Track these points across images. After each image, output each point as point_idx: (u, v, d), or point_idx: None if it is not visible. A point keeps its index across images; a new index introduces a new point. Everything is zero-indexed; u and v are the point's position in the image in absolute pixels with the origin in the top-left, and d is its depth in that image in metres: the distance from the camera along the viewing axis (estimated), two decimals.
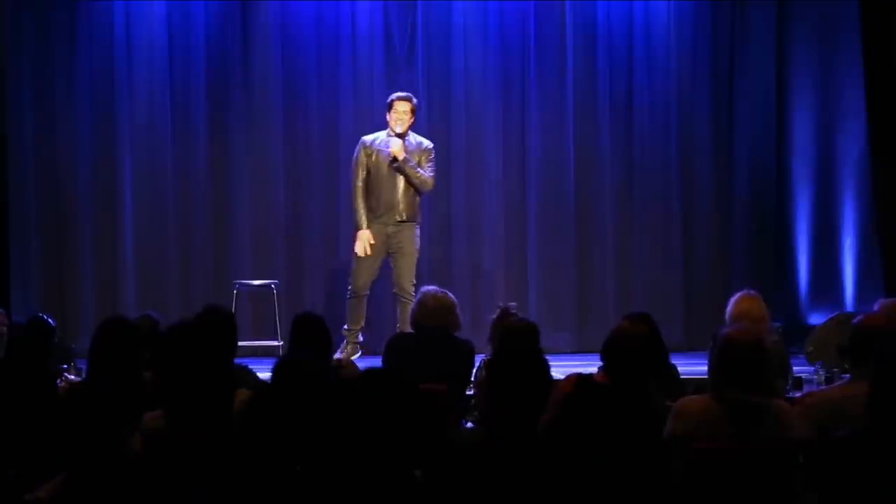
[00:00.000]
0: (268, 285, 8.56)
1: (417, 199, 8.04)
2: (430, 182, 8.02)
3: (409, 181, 7.92)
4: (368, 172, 7.98)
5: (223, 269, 9.19)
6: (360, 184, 7.98)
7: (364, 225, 7.95)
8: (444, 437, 3.81)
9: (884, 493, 3.27)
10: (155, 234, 9.18)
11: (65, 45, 9.09)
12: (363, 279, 8.03)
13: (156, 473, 3.12)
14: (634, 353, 4.30)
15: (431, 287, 5.89)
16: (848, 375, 4.44)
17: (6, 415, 4.29)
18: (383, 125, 8.08)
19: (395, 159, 7.87)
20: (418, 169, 7.93)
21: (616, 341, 4.39)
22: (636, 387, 4.13)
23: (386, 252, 8.05)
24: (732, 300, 5.61)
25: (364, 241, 7.94)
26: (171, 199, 9.19)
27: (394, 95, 8.05)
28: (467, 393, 5.54)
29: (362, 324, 8.10)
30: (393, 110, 7.96)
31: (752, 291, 5.64)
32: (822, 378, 5.72)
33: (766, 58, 9.42)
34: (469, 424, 4.97)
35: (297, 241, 9.35)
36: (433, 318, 5.58)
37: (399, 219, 7.94)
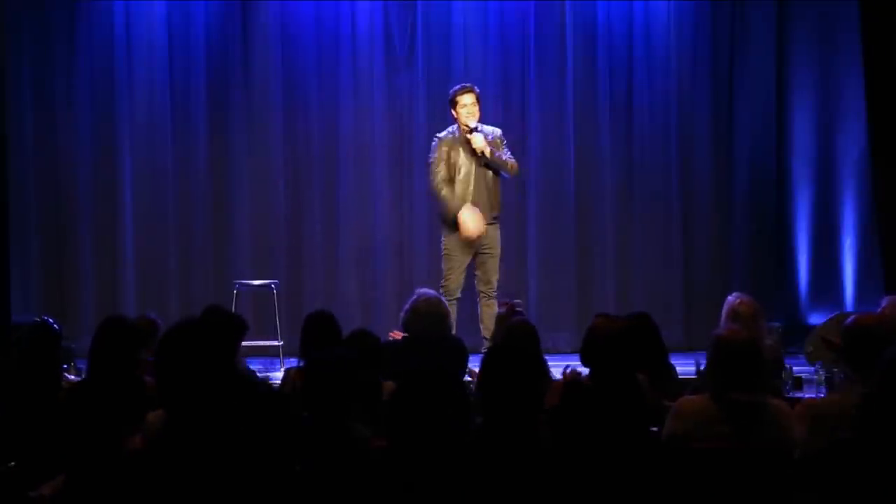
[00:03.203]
0: (268, 285, 8.56)
1: (500, 193, 7.65)
2: (517, 166, 7.58)
3: (498, 172, 7.50)
4: (449, 168, 7.46)
5: (223, 269, 9.19)
6: (441, 176, 7.43)
7: (459, 206, 7.33)
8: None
9: (884, 496, 3.27)
10: (155, 234, 9.19)
11: (65, 45, 9.09)
12: (457, 280, 7.51)
13: (158, 472, 3.12)
14: (612, 348, 4.29)
15: (426, 291, 5.84)
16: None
17: (13, 416, 4.29)
18: (383, 125, 8.06)
19: (483, 154, 7.40)
20: (504, 156, 7.49)
21: (592, 339, 4.38)
22: (623, 383, 4.12)
23: (474, 252, 7.54)
24: (725, 303, 5.64)
25: (475, 219, 7.29)
26: (171, 199, 9.20)
27: (455, 88, 7.54)
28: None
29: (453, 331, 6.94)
30: (459, 105, 7.44)
31: (743, 294, 5.69)
32: (822, 378, 5.72)
33: (766, 58, 9.42)
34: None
35: (297, 241, 9.35)
36: (424, 323, 5.54)
37: (493, 215, 7.50)
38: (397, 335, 5.93)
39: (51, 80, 9.08)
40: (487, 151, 7.39)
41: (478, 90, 7.53)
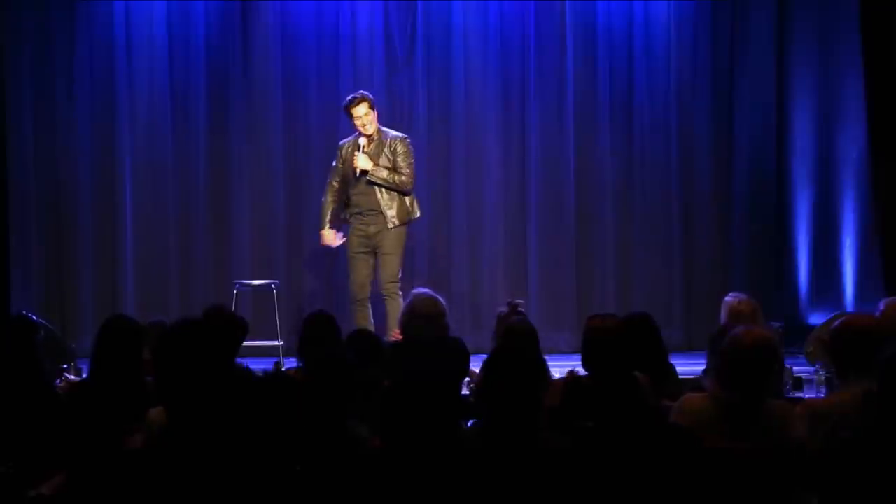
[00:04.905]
0: (268, 285, 8.56)
1: (407, 198, 7.85)
2: (407, 182, 7.78)
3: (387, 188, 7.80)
4: (344, 175, 7.88)
5: (223, 269, 9.19)
6: (330, 187, 7.98)
7: (323, 226, 7.97)
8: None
9: (885, 495, 3.27)
10: (155, 234, 9.19)
11: (65, 45, 9.09)
12: (358, 281, 7.88)
13: (158, 469, 3.13)
14: (612, 348, 4.32)
15: (422, 290, 5.84)
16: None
17: (13, 415, 4.28)
18: (382, 124, 8.05)
19: (364, 172, 7.75)
20: (393, 174, 7.73)
21: (590, 342, 4.43)
22: (621, 382, 4.12)
23: (373, 251, 7.89)
24: (724, 304, 5.64)
25: (327, 240, 7.99)
26: (171, 200, 9.20)
27: (347, 100, 7.84)
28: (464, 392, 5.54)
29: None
30: (354, 117, 7.75)
31: (740, 294, 5.69)
32: (822, 378, 5.72)
33: (766, 58, 9.41)
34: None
35: (297, 241, 9.35)
36: (420, 322, 5.54)
37: (390, 225, 7.77)
38: (398, 335, 5.93)
39: (51, 80, 9.07)
40: (369, 168, 7.73)
41: (371, 96, 7.82)
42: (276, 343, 8.29)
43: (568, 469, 3.40)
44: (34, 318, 5.70)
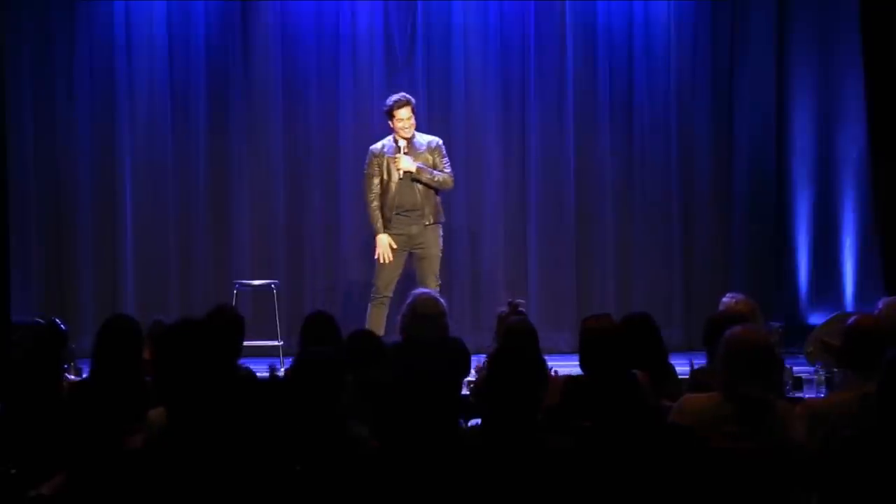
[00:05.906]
0: (268, 285, 8.56)
1: (438, 198, 7.92)
2: (450, 180, 7.91)
3: (428, 186, 7.82)
4: (382, 180, 7.83)
5: (223, 269, 9.19)
6: (373, 193, 7.82)
7: (381, 230, 7.81)
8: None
9: (885, 495, 3.28)
10: (155, 234, 9.19)
11: (65, 45, 9.09)
12: (386, 279, 7.87)
13: (158, 469, 3.13)
14: (605, 347, 4.35)
15: (423, 290, 5.86)
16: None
17: (17, 416, 4.28)
18: (384, 125, 8.06)
19: (408, 172, 7.75)
20: (434, 172, 7.80)
21: (585, 341, 4.46)
22: (619, 382, 4.13)
23: (409, 252, 7.92)
24: (721, 304, 5.65)
25: (384, 246, 7.80)
26: (171, 199, 9.20)
27: (391, 101, 7.80)
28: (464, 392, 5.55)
29: (383, 331, 7.58)
30: (396, 119, 7.74)
31: (737, 294, 5.71)
32: (822, 378, 5.73)
33: (766, 58, 9.41)
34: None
35: (297, 241, 9.35)
36: (421, 323, 5.55)
37: (427, 222, 7.82)
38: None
39: (51, 80, 9.08)
40: (414, 169, 7.74)
41: (413, 101, 7.82)
42: (276, 343, 8.30)
43: (568, 469, 3.40)
44: (63, 327, 5.71)
